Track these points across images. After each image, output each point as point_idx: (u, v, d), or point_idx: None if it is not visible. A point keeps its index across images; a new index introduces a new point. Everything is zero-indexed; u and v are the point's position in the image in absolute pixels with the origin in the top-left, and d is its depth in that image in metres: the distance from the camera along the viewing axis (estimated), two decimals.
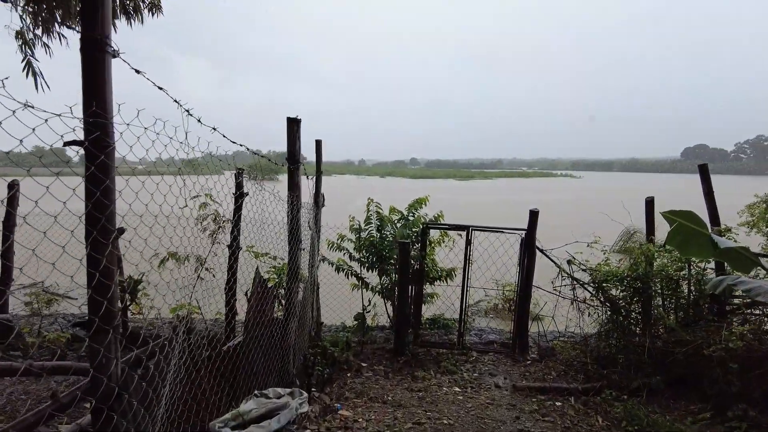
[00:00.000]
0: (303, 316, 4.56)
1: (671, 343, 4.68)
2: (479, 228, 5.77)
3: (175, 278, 5.38)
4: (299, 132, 4.00)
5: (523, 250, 5.76)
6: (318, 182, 5.39)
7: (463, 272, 5.91)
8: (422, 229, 5.96)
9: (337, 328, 7.03)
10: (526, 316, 5.92)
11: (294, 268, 4.02)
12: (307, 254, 5.45)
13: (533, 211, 5.69)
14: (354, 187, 47.97)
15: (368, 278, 6.90)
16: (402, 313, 5.81)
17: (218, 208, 5.63)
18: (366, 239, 6.78)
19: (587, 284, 5.53)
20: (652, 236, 5.69)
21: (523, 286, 5.83)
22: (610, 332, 5.32)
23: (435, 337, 6.56)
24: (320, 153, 5.35)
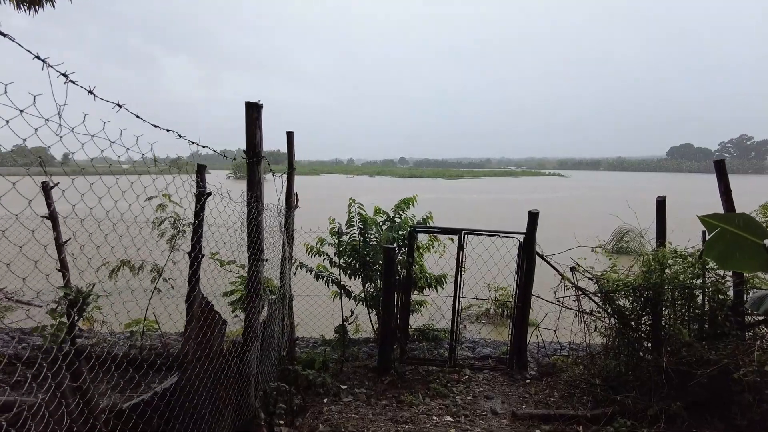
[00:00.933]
0: (269, 336, 3.90)
1: (692, 363, 4.10)
2: (473, 231, 5.16)
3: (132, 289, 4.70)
4: (260, 119, 3.34)
5: (522, 255, 5.16)
6: (290, 180, 4.72)
7: (454, 281, 5.29)
8: (409, 232, 5.33)
9: (316, 342, 6.37)
10: (525, 330, 5.32)
11: (254, 282, 3.35)
12: (278, 263, 4.79)
13: (533, 213, 5.10)
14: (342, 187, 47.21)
15: (351, 286, 6.27)
16: (387, 326, 5.17)
17: (179, 210, 4.94)
18: (348, 243, 6.14)
19: (593, 294, 4.94)
20: (662, 240, 5.13)
21: (521, 295, 5.23)
22: (619, 348, 4.75)
23: (424, 351, 5.93)
24: (292, 147, 4.69)
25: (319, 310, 6.87)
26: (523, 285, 5.19)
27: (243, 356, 3.29)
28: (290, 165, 4.70)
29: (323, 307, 6.86)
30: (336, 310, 6.59)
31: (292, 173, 4.73)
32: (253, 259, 3.35)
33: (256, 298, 3.34)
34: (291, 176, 4.72)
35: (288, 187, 4.74)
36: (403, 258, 5.50)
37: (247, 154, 3.30)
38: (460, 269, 5.22)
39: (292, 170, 4.71)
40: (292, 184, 4.75)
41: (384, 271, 5.12)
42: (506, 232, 5.15)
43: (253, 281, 3.35)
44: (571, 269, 5.13)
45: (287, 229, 4.76)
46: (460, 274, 5.25)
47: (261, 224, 3.38)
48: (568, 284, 5.07)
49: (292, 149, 4.69)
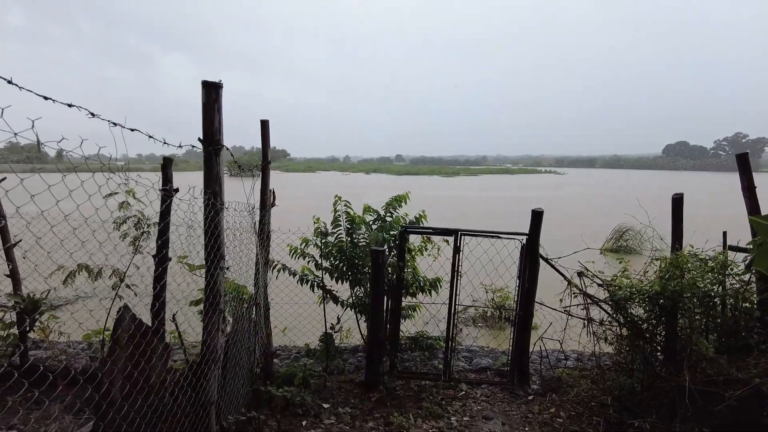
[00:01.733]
0: (236, 355, 3.38)
1: (719, 383, 3.62)
2: (470, 232, 4.65)
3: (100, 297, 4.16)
4: (219, 101, 2.81)
5: (524, 259, 4.66)
6: (265, 175, 4.20)
7: (450, 286, 4.78)
8: (400, 233, 4.81)
9: (299, 352, 5.85)
10: (527, 340, 4.82)
11: (213, 293, 2.83)
12: (252, 268, 4.28)
13: (536, 212, 4.59)
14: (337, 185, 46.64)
15: (338, 291, 5.76)
16: (375, 337, 4.66)
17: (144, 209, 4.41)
18: (334, 244, 5.62)
19: (604, 302, 4.45)
20: (679, 242, 4.64)
21: (523, 303, 4.73)
22: (633, 363, 4.26)
23: (416, 362, 5.43)
24: (267, 137, 4.16)
25: (303, 317, 6.36)
26: (526, 291, 4.69)
27: (199, 382, 2.77)
28: (265, 157, 4.18)
29: (309, 313, 6.34)
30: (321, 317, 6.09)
31: (267, 167, 4.21)
32: (211, 266, 2.82)
33: (214, 311, 2.82)
34: (266, 170, 4.20)
35: (263, 183, 4.22)
36: (394, 261, 5.00)
37: (203, 142, 2.77)
38: (457, 274, 4.72)
39: (267, 163, 4.19)
40: (268, 179, 4.23)
41: (372, 276, 4.60)
42: (507, 233, 4.64)
43: (211, 292, 2.83)
44: (579, 274, 4.63)
45: (262, 230, 4.24)
46: (457, 279, 4.74)
47: (221, 225, 2.86)
48: (576, 291, 4.58)
49: (267, 140, 4.16)
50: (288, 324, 6.60)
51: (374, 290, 4.58)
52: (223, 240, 2.88)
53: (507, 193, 42.28)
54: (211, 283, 2.82)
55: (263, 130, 4.13)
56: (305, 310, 6.36)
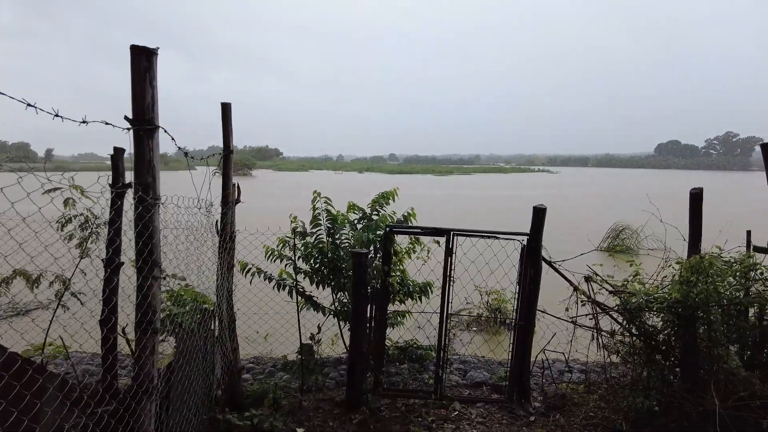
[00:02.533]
0: (182, 381, 2.81)
1: (757, 408, 3.11)
2: (464, 232, 4.11)
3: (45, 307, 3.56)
4: (153, 71, 2.24)
5: (525, 262, 4.13)
6: (227, 166, 3.63)
7: (442, 293, 4.24)
8: (385, 233, 4.26)
9: (275, 365, 5.29)
10: (528, 353, 4.29)
11: (144, 309, 2.27)
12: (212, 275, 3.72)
13: (538, 209, 4.06)
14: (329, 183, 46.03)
15: (319, 297, 5.21)
16: (357, 351, 4.11)
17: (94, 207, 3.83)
18: (313, 246, 5.07)
19: (615, 311, 3.93)
20: (697, 243, 4.13)
21: (524, 311, 4.20)
22: (649, 380, 3.74)
23: (404, 376, 4.89)
24: (229, 123, 3.59)
25: (281, 324, 5.79)
26: (527, 298, 4.16)
27: (129, 419, 2.21)
28: (227, 146, 3.61)
29: (288, 320, 5.77)
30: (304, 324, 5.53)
31: (230, 157, 3.64)
32: (140, 275, 2.26)
33: (145, 333, 2.25)
34: (228, 161, 3.63)
35: (224, 176, 3.65)
36: (379, 264, 4.45)
37: (131, 120, 2.21)
38: (449, 279, 4.18)
39: (229, 153, 3.62)
40: (230, 172, 3.66)
41: (353, 282, 4.05)
42: (505, 233, 4.11)
43: (143, 308, 2.26)
44: (586, 279, 4.12)
45: (224, 230, 3.67)
46: (449, 285, 4.20)
47: (154, 225, 2.29)
48: (583, 298, 4.06)
49: (228, 125, 3.59)
50: (266, 332, 6.04)
51: (355, 298, 4.03)
52: (158, 243, 2.32)
53: (503, 192, 41.85)
54: (143, 297, 2.25)
55: (224, 115, 3.56)
56: (284, 317, 5.80)
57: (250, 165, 70.68)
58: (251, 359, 5.55)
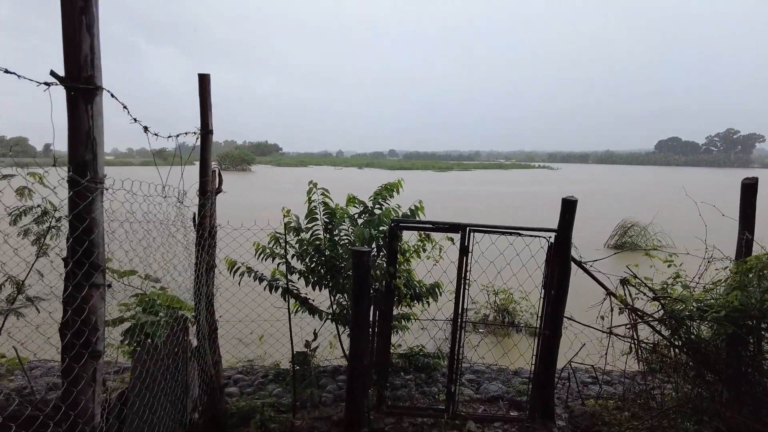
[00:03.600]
0: (146, 409, 2.27)
1: None
2: (481, 228, 3.56)
3: None
4: (91, 14, 1.69)
5: (552, 262, 3.58)
6: (205, 150, 3.08)
7: (456, 298, 3.70)
8: (389, 229, 3.71)
9: (266, 375, 4.75)
10: (553, 366, 3.75)
11: (80, 329, 1.72)
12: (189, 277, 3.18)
13: (568, 201, 3.51)
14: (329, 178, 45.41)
15: (315, 299, 4.68)
16: (357, 364, 3.57)
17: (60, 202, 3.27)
18: (309, 242, 4.53)
19: (658, 320, 3.39)
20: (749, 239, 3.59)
21: (550, 319, 3.66)
22: (697, 401, 3.21)
23: (411, 389, 4.36)
24: (207, 97, 3.04)
25: (277, 328, 5.25)
26: (553, 304, 3.62)
27: None
28: (204, 124, 3.05)
29: (284, 324, 5.23)
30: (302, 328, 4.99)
31: (209, 138, 3.08)
32: (73, 282, 1.71)
33: (78, 359, 1.71)
34: (206, 142, 3.07)
35: (202, 161, 3.10)
36: (383, 265, 3.91)
37: (60, 78, 1.66)
38: (464, 282, 3.64)
39: (208, 133, 3.06)
40: (208, 157, 3.11)
41: (354, 285, 3.51)
42: (529, 229, 3.56)
43: (74, 325, 1.72)
44: (622, 282, 3.57)
45: (201, 225, 3.12)
46: (464, 289, 3.66)
47: (91, 216, 1.74)
48: (619, 304, 3.52)
49: (206, 100, 3.03)
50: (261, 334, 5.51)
51: (356, 303, 3.48)
52: (98, 241, 1.77)
53: (512, 188, 41.23)
54: (71, 312, 1.71)
55: (201, 89, 3.00)
56: (281, 320, 5.25)
57: (249, 160, 70.05)
58: (241, 368, 5.01)
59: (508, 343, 6.37)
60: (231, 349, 5.42)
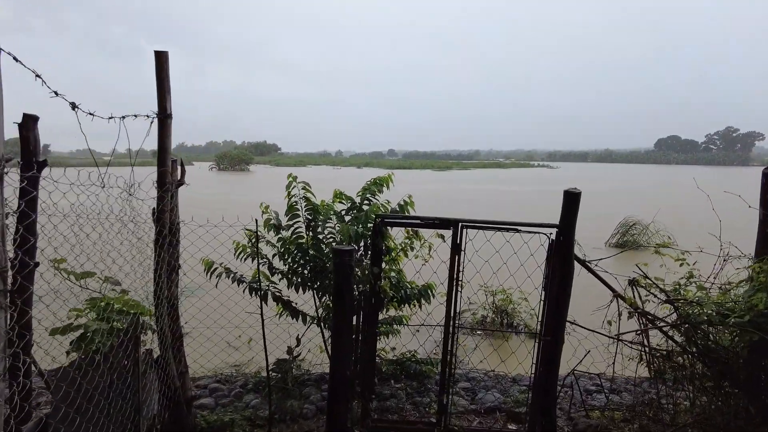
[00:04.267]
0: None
1: None
2: (475, 224, 3.22)
3: None
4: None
5: (553, 261, 3.24)
6: (163, 137, 2.74)
7: (447, 301, 3.36)
8: (375, 225, 3.36)
9: (247, 382, 4.41)
10: (554, 376, 3.41)
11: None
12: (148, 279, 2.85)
13: (571, 193, 3.17)
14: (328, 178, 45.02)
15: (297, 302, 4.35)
16: (339, 377, 3.23)
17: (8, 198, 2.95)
18: (291, 241, 4.20)
19: (672, 325, 3.06)
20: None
21: (551, 323, 3.32)
22: (722, 418, 2.88)
23: (401, 398, 4.02)
24: (165, 76, 2.70)
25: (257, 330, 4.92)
26: (555, 306, 3.28)
27: None
28: (162, 108, 2.71)
29: (270, 331, 4.90)
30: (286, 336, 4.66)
31: (167, 123, 2.74)
32: None
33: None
34: (164, 128, 2.73)
35: (160, 149, 2.76)
36: (368, 264, 3.57)
37: None
38: (456, 283, 3.30)
39: (166, 117, 2.72)
40: (168, 144, 2.76)
41: (335, 288, 3.17)
42: (528, 224, 3.22)
43: None
44: (631, 283, 3.24)
45: (160, 221, 2.78)
46: (456, 291, 3.32)
47: None
48: (627, 307, 3.18)
49: (164, 79, 2.69)
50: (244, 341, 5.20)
51: (337, 308, 3.14)
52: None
53: (510, 187, 40.83)
54: None
55: (158, 68, 2.66)
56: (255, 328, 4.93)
57: (247, 160, 69.81)
58: (221, 376, 4.67)
59: (506, 348, 6.03)
60: (220, 353, 5.09)
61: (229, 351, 5.48)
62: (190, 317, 4.67)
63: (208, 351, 4.94)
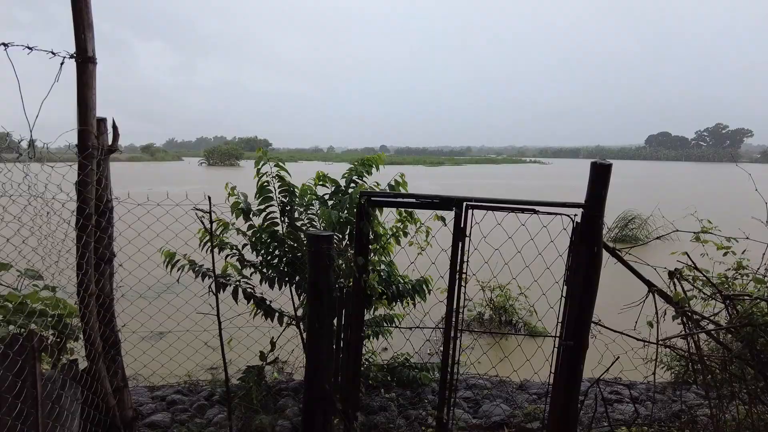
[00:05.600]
0: None
1: None
2: (483, 203, 2.63)
3: None
4: None
5: (578, 249, 2.66)
6: (84, 90, 2.11)
7: (449, 296, 2.76)
8: (358, 205, 2.74)
9: (214, 391, 3.80)
10: (577, 387, 2.84)
11: None
12: None
13: (600, 165, 2.58)
14: None
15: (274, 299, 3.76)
16: (316, 392, 2.63)
17: None
18: (263, 229, 3.60)
19: (725, 327, 2.49)
20: None
21: (574, 325, 2.74)
22: None
23: (393, 411, 3.44)
24: (84, 10, 2.06)
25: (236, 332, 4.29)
26: (579, 304, 2.70)
27: None
28: (81, 50, 2.07)
29: (256, 329, 4.25)
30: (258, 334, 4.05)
31: (88, 69, 2.10)
32: None
33: None
34: (85, 75, 2.10)
35: (80, 102, 2.12)
36: (352, 255, 2.97)
37: None
38: (460, 276, 2.71)
39: (88, 62, 2.08)
40: (90, 97, 2.13)
41: (310, 284, 2.56)
42: (548, 204, 2.64)
43: None
44: (672, 275, 2.66)
45: (82, 198, 2.16)
46: (459, 286, 2.73)
47: None
48: (670, 306, 2.61)
49: (83, 15, 2.06)
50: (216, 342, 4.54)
51: (314, 307, 2.54)
52: None
53: (510, 180, 40.32)
54: None
55: (75, 13, 2.03)
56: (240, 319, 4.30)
57: (237, 156, 68.82)
58: (181, 386, 4.05)
59: (507, 347, 5.47)
60: (194, 355, 4.44)
61: (206, 352, 4.84)
62: (165, 317, 4.02)
63: (179, 353, 4.29)
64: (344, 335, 2.90)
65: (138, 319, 4.04)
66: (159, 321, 4.14)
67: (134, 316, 3.95)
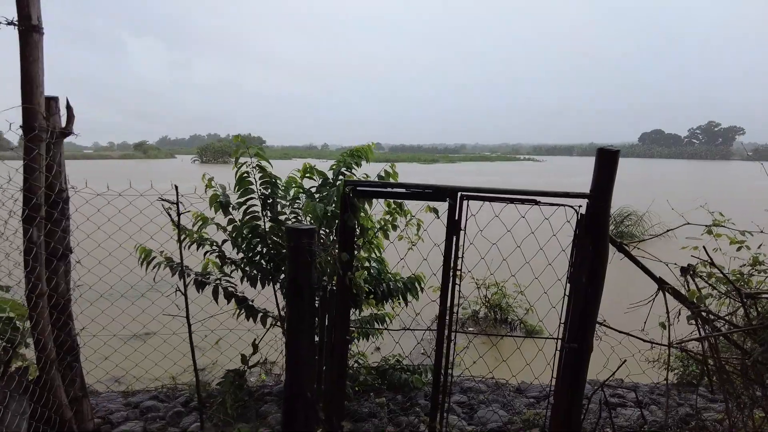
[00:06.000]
0: None
1: None
2: (479, 194, 2.40)
3: None
4: None
5: (582, 243, 2.45)
6: (28, 63, 1.85)
7: (442, 295, 2.54)
8: (343, 196, 2.50)
9: (192, 397, 3.56)
10: (580, 392, 2.63)
11: None
12: None
13: (608, 151, 2.37)
14: None
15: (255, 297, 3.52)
16: (295, 400, 2.40)
17: None
18: (244, 223, 3.36)
19: (744, 329, 2.29)
20: None
21: (577, 325, 2.52)
22: None
23: (381, 419, 3.22)
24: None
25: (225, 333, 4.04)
26: (583, 304, 2.48)
27: None
28: (25, 16, 1.82)
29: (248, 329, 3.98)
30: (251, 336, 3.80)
31: (32, 38, 1.85)
32: None
33: None
34: (28, 45, 1.85)
35: (23, 74, 1.87)
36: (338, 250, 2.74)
37: None
38: (454, 273, 2.48)
39: (32, 31, 1.83)
40: (35, 68, 1.88)
41: (290, 282, 2.33)
42: (550, 194, 2.42)
43: None
44: (684, 271, 2.45)
45: (28, 187, 1.91)
46: (453, 284, 2.51)
47: None
48: (684, 306, 2.40)
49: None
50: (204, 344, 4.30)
51: (294, 308, 2.31)
52: None
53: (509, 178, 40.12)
54: None
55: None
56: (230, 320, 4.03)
57: (230, 153, 68.36)
58: (158, 391, 3.80)
59: (502, 347, 5.26)
60: (181, 359, 4.17)
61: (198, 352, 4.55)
62: (149, 318, 3.76)
63: (164, 357, 4.02)
64: (328, 337, 2.67)
65: (120, 321, 3.80)
66: (142, 322, 3.89)
67: (115, 317, 3.71)
